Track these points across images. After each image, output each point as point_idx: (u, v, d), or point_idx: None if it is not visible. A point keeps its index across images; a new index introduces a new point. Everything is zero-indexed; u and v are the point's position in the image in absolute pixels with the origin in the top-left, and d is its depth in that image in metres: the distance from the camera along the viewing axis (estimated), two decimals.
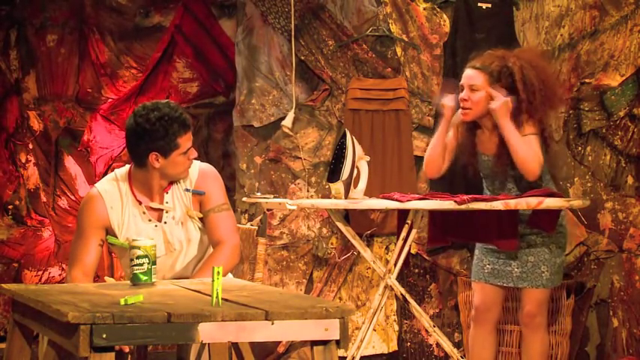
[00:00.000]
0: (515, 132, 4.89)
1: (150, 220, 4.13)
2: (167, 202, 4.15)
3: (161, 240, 4.13)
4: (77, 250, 4.11)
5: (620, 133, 5.94)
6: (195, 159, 4.19)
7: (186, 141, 4.08)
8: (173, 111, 4.05)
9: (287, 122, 6.29)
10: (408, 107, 6.19)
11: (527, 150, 4.88)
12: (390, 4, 6.23)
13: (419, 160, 6.20)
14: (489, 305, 5.10)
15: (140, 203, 4.13)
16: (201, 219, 4.19)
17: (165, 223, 4.14)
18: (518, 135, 4.90)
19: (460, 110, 5.01)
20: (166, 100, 4.14)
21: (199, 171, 4.22)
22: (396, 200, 5.10)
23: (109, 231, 4.10)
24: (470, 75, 4.99)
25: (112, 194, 4.12)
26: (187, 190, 4.17)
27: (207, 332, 2.90)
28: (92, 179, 6.94)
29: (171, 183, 4.16)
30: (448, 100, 5.09)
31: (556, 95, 5.06)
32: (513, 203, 4.88)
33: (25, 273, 6.96)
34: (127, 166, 4.19)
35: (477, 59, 5.03)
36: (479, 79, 4.95)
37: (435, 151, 5.14)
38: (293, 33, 6.31)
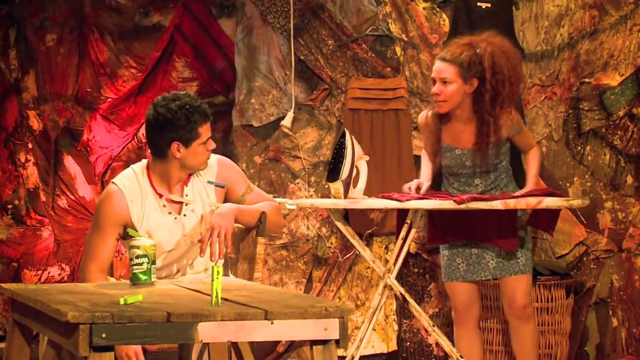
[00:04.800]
0: (535, 176, 5.06)
1: (170, 213, 4.14)
2: (187, 195, 4.17)
3: (180, 233, 4.14)
4: (94, 245, 4.11)
5: (619, 132, 5.94)
6: (213, 151, 4.22)
7: (206, 131, 4.12)
8: (193, 100, 4.10)
9: (286, 122, 6.29)
10: (408, 107, 6.19)
11: (538, 158, 5.10)
12: (390, 3, 6.23)
13: (418, 159, 6.20)
14: (468, 303, 5.12)
15: (160, 196, 4.14)
16: None
17: (184, 215, 4.16)
18: (535, 173, 5.07)
19: (435, 103, 4.99)
20: (185, 92, 4.19)
21: (218, 162, 4.27)
22: (396, 200, 5.10)
23: (129, 226, 4.11)
24: (440, 68, 4.95)
25: (132, 189, 4.13)
26: (210, 182, 4.21)
27: (207, 332, 2.90)
28: (92, 179, 6.94)
29: (189, 176, 4.19)
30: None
31: (522, 81, 5.07)
32: (513, 203, 4.88)
33: (24, 272, 6.96)
34: (144, 161, 4.21)
35: (445, 50, 5.00)
36: (450, 72, 4.91)
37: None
38: (292, 32, 6.31)
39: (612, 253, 5.95)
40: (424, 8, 6.20)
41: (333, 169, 5.19)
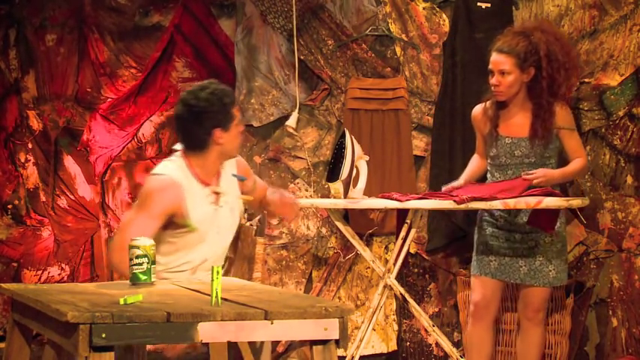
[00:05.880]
0: (567, 172, 5.07)
1: (212, 203, 4.20)
2: (222, 187, 4.25)
3: (216, 224, 4.20)
4: (141, 230, 4.03)
5: (619, 132, 5.93)
6: None
7: (237, 111, 4.21)
8: (218, 84, 4.18)
9: (291, 122, 6.29)
10: (408, 107, 6.19)
11: (581, 166, 5.11)
12: (390, 3, 6.22)
13: (418, 159, 6.21)
14: (489, 300, 5.13)
15: (205, 186, 4.19)
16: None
17: (221, 206, 4.21)
18: (569, 171, 5.08)
19: (493, 92, 5.08)
20: (207, 80, 4.25)
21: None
22: (396, 200, 5.10)
23: (177, 216, 4.13)
24: (498, 60, 5.05)
25: (182, 180, 4.15)
26: (234, 175, 4.29)
27: (207, 332, 2.90)
28: (92, 179, 6.94)
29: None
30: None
31: (577, 68, 5.19)
32: (512, 203, 4.88)
33: (24, 272, 6.96)
34: (178, 154, 4.22)
35: (501, 41, 5.09)
36: (507, 63, 5.02)
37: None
38: (295, 33, 6.31)
39: (612, 253, 5.95)
40: (424, 8, 6.20)
41: (333, 169, 5.20)
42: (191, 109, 4.11)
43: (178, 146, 4.27)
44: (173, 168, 4.17)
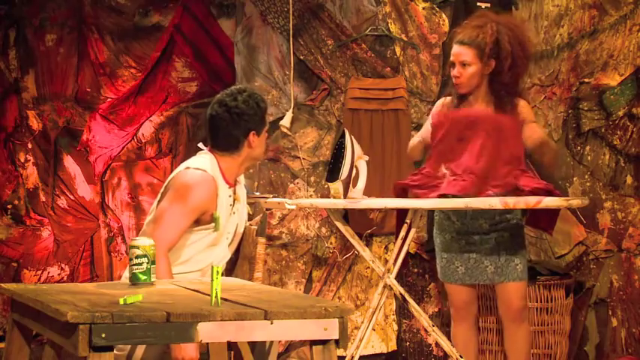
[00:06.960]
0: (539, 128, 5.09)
1: (230, 206, 4.25)
2: (238, 194, 4.32)
3: (229, 229, 4.25)
4: (177, 229, 4.10)
5: (619, 132, 5.94)
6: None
7: (267, 118, 4.32)
8: (253, 91, 4.28)
9: (285, 122, 6.30)
10: (407, 107, 6.19)
11: (544, 134, 5.12)
12: (390, 3, 6.23)
13: None
14: (467, 303, 5.15)
15: (230, 187, 4.25)
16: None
17: (234, 213, 4.28)
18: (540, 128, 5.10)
19: (454, 84, 5.09)
20: (241, 85, 4.39)
21: None
22: (414, 193, 5.15)
23: (207, 213, 4.17)
24: (459, 52, 5.05)
25: (217, 178, 4.20)
26: (245, 186, 4.40)
27: (207, 332, 2.90)
28: (91, 179, 6.94)
29: None
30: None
31: (530, 55, 5.17)
32: (512, 202, 4.88)
33: (24, 272, 6.96)
34: (207, 155, 4.25)
35: (462, 33, 5.09)
36: (469, 55, 5.02)
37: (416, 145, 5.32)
38: (292, 32, 6.31)
39: (612, 253, 5.95)
40: (424, 8, 6.20)
41: (332, 169, 5.19)
42: (229, 110, 4.18)
43: (203, 145, 4.32)
44: (207, 164, 4.20)
